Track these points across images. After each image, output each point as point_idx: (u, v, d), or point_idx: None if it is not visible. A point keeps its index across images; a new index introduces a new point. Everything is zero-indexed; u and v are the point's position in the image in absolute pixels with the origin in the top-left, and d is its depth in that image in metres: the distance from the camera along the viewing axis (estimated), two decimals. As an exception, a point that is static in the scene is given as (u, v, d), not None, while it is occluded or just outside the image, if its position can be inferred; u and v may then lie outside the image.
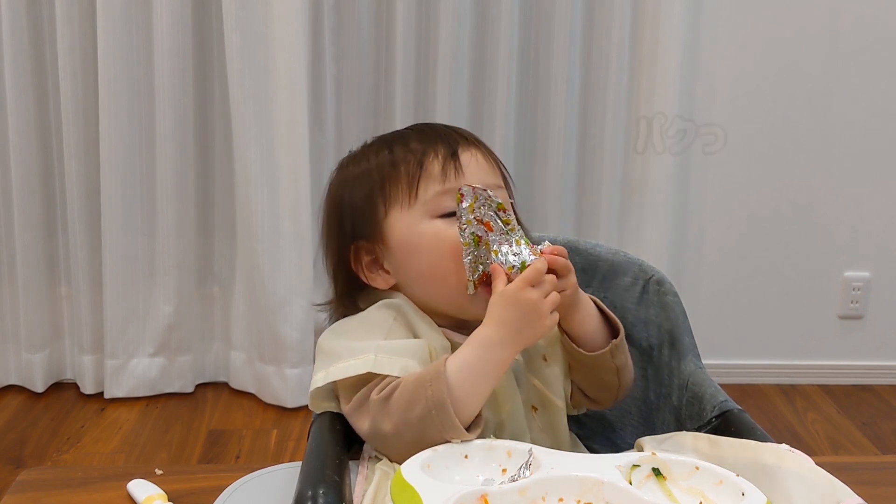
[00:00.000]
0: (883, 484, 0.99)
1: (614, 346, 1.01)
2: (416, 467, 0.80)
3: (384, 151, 1.01)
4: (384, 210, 0.98)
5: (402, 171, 0.97)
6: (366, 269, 1.01)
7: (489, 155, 1.02)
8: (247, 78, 2.39)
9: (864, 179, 2.67)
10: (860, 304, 2.76)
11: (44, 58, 2.45)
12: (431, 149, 0.98)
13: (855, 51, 2.58)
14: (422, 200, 0.96)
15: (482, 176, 0.98)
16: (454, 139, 1.00)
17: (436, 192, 0.96)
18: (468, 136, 1.03)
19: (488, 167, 1.00)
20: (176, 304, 2.57)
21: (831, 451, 2.37)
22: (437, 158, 0.97)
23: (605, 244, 1.22)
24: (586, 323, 1.00)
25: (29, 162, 2.46)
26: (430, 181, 0.96)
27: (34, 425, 2.43)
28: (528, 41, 2.49)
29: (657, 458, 0.83)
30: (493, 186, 0.98)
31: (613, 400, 1.06)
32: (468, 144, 1.00)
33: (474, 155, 0.99)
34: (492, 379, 0.89)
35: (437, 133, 1.02)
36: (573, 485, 0.79)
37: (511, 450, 0.85)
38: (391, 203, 0.97)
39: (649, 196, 2.56)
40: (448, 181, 0.96)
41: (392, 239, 0.97)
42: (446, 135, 1.01)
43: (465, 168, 0.97)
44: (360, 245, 1.00)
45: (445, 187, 0.96)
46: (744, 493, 0.77)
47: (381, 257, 0.99)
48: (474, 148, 1.00)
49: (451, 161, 0.97)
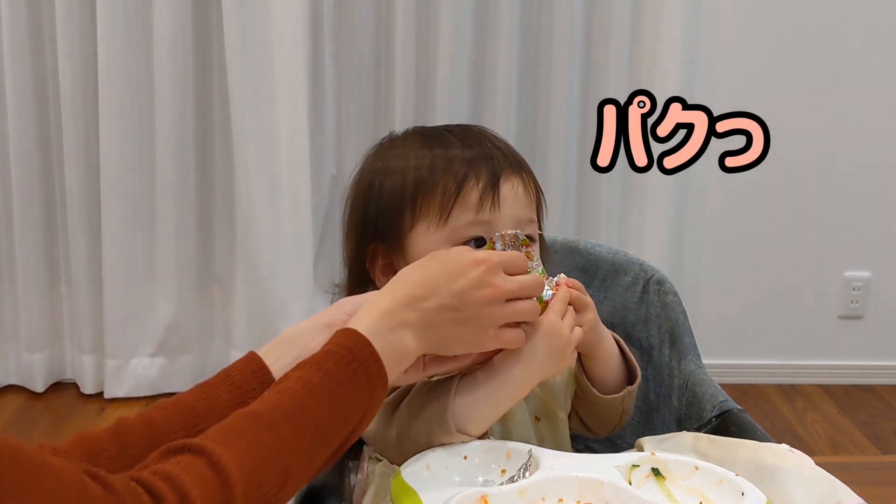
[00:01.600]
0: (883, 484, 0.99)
1: (628, 393, 0.99)
2: (416, 469, 0.80)
3: (425, 153, 0.97)
4: (410, 223, 0.95)
5: (439, 190, 0.94)
6: (379, 272, 0.99)
7: (529, 183, 0.98)
8: (247, 78, 2.39)
9: (864, 179, 2.67)
10: (860, 303, 2.75)
11: (44, 58, 2.45)
12: (474, 172, 0.94)
13: (855, 50, 2.58)
14: (451, 226, 0.94)
15: (518, 210, 0.95)
16: (499, 163, 0.96)
17: (467, 221, 0.94)
18: (513, 159, 0.99)
19: (526, 199, 0.97)
20: (176, 304, 2.57)
21: (831, 451, 2.37)
22: (477, 186, 0.94)
23: (605, 244, 1.22)
24: (606, 362, 0.98)
25: (29, 162, 2.46)
26: (464, 209, 0.94)
27: (34, 425, 2.42)
28: (528, 41, 2.49)
29: (656, 458, 0.83)
30: (526, 222, 0.96)
31: (608, 433, 1.05)
32: (511, 172, 0.96)
33: (515, 186, 0.96)
34: (503, 409, 0.88)
35: (483, 150, 0.97)
36: (573, 485, 0.79)
37: (510, 451, 0.85)
38: (419, 218, 0.95)
39: (649, 196, 2.56)
40: (483, 212, 0.93)
41: (411, 254, 0.96)
42: (492, 156, 0.97)
43: (503, 201, 0.94)
44: (378, 247, 0.99)
45: (479, 218, 0.93)
46: (743, 493, 0.77)
47: (396, 265, 0.97)
48: (516, 177, 0.97)
49: (491, 192, 0.94)
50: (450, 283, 0.80)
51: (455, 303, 0.80)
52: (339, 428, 0.72)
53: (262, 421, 0.68)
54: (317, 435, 0.70)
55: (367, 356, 0.74)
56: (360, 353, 0.74)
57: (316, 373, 0.72)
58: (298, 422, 0.69)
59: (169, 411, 0.75)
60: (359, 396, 0.73)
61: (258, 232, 2.46)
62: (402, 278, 0.82)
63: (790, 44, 2.57)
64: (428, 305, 0.79)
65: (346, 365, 0.73)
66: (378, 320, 0.77)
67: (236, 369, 0.80)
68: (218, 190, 2.58)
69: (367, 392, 0.74)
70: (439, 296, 0.80)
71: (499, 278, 0.82)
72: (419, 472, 0.80)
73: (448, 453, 0.84)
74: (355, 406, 0.73)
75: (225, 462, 0.63)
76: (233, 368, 0.80)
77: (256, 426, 0.67)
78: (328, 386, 0.71)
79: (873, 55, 2.59)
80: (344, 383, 0.72)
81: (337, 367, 0.73)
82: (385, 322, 0.77)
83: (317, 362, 0.73)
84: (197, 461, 0.63)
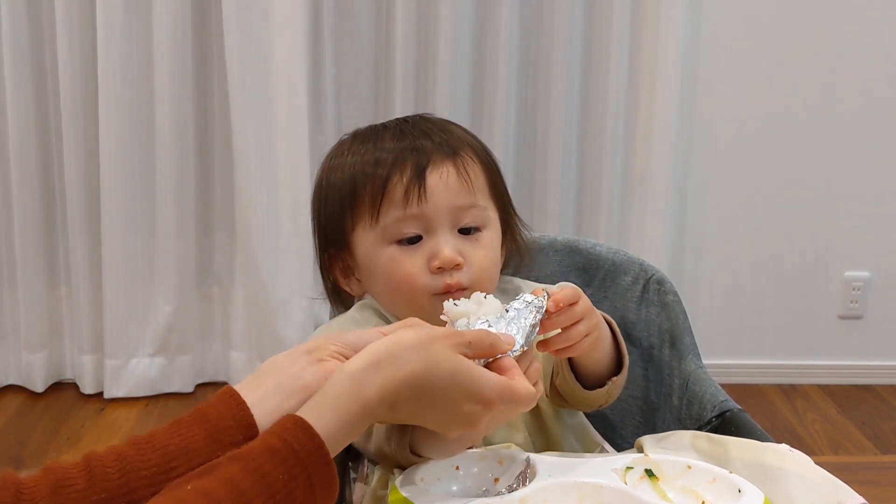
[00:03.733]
0: (883, 484, 0.99)
1: (612, 384, 0.96)
2: (411, 482, 0.80)
3: (357, 151, 0.97)
4: (351, 224, 0.96)
5: (368, 189, 0.94)
6: (340, 275, 1.01)
7: (465, 167, 0.95)
8: (247, 78, 2.39)
9: (864, 179, 2.67)
10: (860, 303, 2.75)
11: (44, 58, 2.45)
12: (398, 168, 0.93)
13: (856, 51, 2.58)
14: (382, 224, 0.94)
15: (449, 198, 0.93)
16: (427, 152, 0.95)
17: (396, 218, 0.93)
18: (447, 143, 0.96)
19: (459, 186, 0.94)
20: (176, 304, 2.57)
21: (831, 451, 2.37)
22: (402, 181, 0.93)
23: (605, 244, 1.22)
24: (598, 364, 0.96)
25: (29, 162, 2.46)
26: (391, 206, 0.93)
27: (34, 425, 2.42)
28: (528, 41, 2.49)
29: (649, 458, 0.83)
30: (465, 208, 0.94)
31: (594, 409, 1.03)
32: (442, 160, 0.94)
33: (444, 174, 0.94)
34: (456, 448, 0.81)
35: (411, 142, 0.96)
36: (572, 491, 0.78)
37: (502, 458, 0.84)
38: (356, 219, 0.96)
39: (649, 196, 2.56)
40: (410, 207, 0.92)
41: (357, 255, 0.97)
42: (420, 146, 0.95)
43: (431, 192, 0.93)
44: (332, 252, 1.00)
45: (406, 213, 0.93)
46: (740, 490, 0.77)
47: (352, 267, 0.99)
48: (447, 164, 0.94)
49: (416, 184, 0.93)
50: (446, 405, 0.73)
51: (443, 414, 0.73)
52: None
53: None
54: None
55: (318, 462, 0.66)
56: (309, 456, 0.66)
57: (247, 476, 0.64)
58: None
59: (143, 447, 0.70)
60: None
61: (258, 232, 2.46)
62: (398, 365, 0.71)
63: (790, 44, 2.57)
64: (415, 409, 0.73)
65: (285, 469, 0.65)
66: (353, 416, 0.70)
67: (212, 407, 0.74)
68: (218, 190, 2.58)
69: (306, 500, 0.66)
70: (433, 409, 0.73)
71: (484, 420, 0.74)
72: (416, 486, 0.79)
73: (439, 465, 0.83)
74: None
75: None
76: (208, 406, 0.74)
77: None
78: (258, 494, 0.63)
79: (873, 55, 2.58)
80: (278, 492, 0.64)
81: (275, 470, 0.65)
82: (361, 418, 0.70)
83: (253, 460, 0.65)
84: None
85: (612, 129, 2.52)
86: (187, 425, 0.72)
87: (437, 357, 0.72)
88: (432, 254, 0.93)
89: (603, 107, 2.52)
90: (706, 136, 2.61)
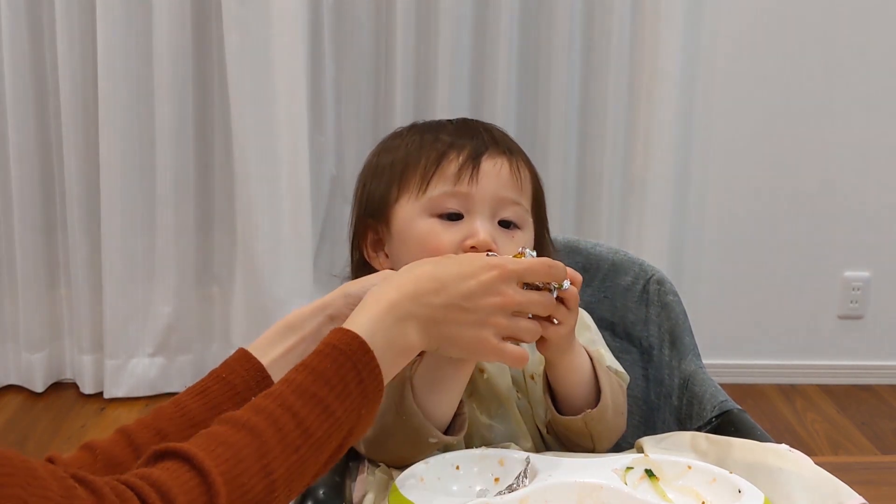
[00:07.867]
0: (883, 484, 0.99)
1: (588, 416, 0.93)
2: (411, 482, 0.80)
3: (416, 137, 1.00)
4: (396, 195, 0.97)
5: (422, 163, 0.96)
6: (369, 248, 1.01)
7: (519, 167, 0.98)
8: (247, 78, 2.39)
9: (864, 179, 2.67)
10: (860, 303, 2.75)
11: (44, 58, 2.45)
12: (456, 147, 0.96)
13: (856, 51, 2.58)
14: (428, 196, 0.95)
15: (500, 188, 0.95)
16: (485, 142, 0.98)
17: (443, 192, 0.94)
18: (505, 143, 0.99)
19: (510, 180, 0.97)
20: (175, 304, 2.57)
21: (831, 451, 2.37)
22: (457, 159, 0.95)
23: (605, 244, 1.22)
24: (571, 374, 0.93)
25: (29, 162, 2.46)
26: (442, 180, 0.95)
27: (34, 425, 2.42)
28: (528, 41, 2.49)
29: (649, 459, 0.83)
30: (509, 203, 0.96)
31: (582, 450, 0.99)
32: (498, 153, 0.97)
33: (499, 165, 0.96)
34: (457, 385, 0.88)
35: (473, 131, 0.99)
36: (572, 491, 0.78)
37: (503, 458, 0.84)
38: (403, 190, 0.97)
39: (650, 196, 2.56)
40: (460, 184, 0.94)
41: (395, 225, 0.98)
42: (479, 135, 0.99)
43: (482, 176, 0.95)
44: (368, 223, 1.01)
45: (455, 190, 0.94)
46: (740, 491, 0.77)
47: (384, 240, 1.00)
48: (503, 157, 0.97)
49: (471, 165, 0.95)
50: (460, 283, 0.78)
51: (462, 303, 0.78)
52: (330, 430, 0.68)
53: (244, 426, 0.65)
54: (304, 438, 0.66)
55: (360, 354, 0.71)
56: (353, 351, 0.71)
57: (301, 372, 0.69)
58: (283, 425, 0.66)
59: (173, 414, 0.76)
60: (349, 396, 0.70)
61: (258, 232, 2.46)
62: (410, 270, 0.80)
63: (790, 44, 2.57)
64: (436, 301, 0.77)
65: (333, 363, 0.70)
66: (381, 313, 0.75)
67: (227, 368, 0.79)
68: (217, 190, 2.58)
69: (357, 391, 0.70)
70: (448, 293, 0.77)
71: (510, 288, 0.80)
72: (415, 485, 0.79)
73: (439, 464, 0.83)
74: (347, 407, 0.69)
75: (208, 468, 0.62)
76: (223, 368, 0.79)
77: (239, 432, 0.65)
78: (314, 386, 0.68)
79: (874, 55, 2.59)
80: (332, 382, 0.69)
81: (323, 365, 0.70)
82: (389, 314, 0.75)
83: (304, 363, 0.71)
84: (182, 467, 0.62)
85: (612, 129, 2.53)
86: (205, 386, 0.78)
87: (445, 258, 0.83)
88: (469, 234, 0.94)
89: (603, 107, 2.52)
90: (706, 136, 2.61)
